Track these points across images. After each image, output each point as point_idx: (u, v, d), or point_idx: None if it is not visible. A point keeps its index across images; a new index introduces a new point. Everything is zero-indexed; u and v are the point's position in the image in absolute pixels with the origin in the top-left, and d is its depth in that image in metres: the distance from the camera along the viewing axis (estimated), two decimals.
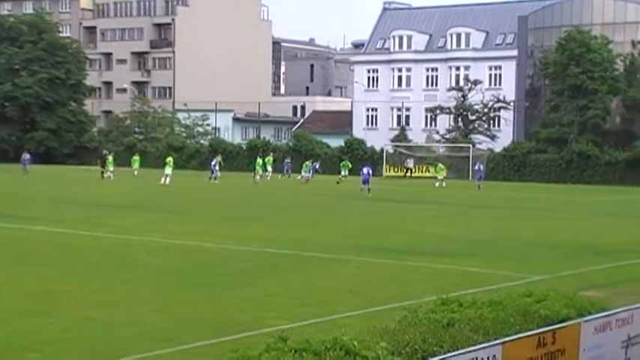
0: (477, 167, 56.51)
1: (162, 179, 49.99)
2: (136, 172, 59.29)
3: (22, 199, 37.76)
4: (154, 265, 19.22)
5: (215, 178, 54.24)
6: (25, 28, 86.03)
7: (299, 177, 58.93)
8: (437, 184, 55.63)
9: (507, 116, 75.99)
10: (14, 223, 27.32)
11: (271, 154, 65.38)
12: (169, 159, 52.96)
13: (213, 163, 56.93)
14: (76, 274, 17.77)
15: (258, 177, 56.01)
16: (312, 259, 20.60)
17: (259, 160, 58.40)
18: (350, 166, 59.74)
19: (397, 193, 48.08)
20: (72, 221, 28.19)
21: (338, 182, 55.66)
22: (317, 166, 63.02)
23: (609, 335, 9.67)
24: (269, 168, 60.86)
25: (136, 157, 62.46)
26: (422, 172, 66.98)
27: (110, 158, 59.45)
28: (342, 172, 58.83)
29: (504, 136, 73.80)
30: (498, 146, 70.23)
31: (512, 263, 20.28)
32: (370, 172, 47.05)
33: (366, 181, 45.30)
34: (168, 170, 51.05)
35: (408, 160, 68.31)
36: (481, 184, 52.88)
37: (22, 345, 11.57)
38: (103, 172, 57.38)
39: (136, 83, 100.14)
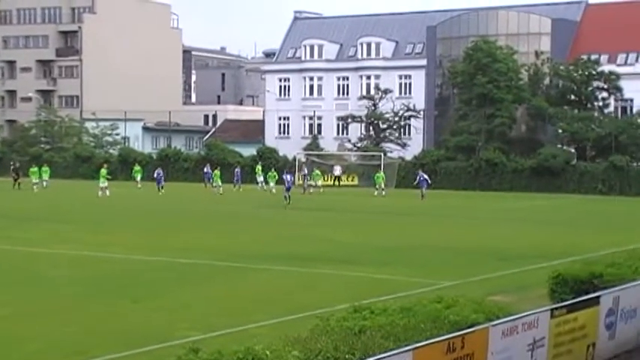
0: (419, 177, 53.95)
1: (100, 192, 47.86)
2: (45, 184, 57.68)
3: None
4: (60, 278, 18.82)
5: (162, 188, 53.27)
6: None
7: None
8: (375, 192, 55.12)
9: (417, 125, 77.06)
10: None
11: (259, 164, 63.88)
12: (103, 171, 50.35)
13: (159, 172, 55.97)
14: None
15: (218, 187, 54.66)
16: (224, 269, 20.50)
17: (217, 172, 57.33)
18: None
19: (310, 201, 48.22)
20: None
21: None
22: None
23: (516, 339, 9.92)
24: (260, 179, 59.92)
25: (46, 168, 60.55)
26: (330, 180, 67.13)
27: (46, 168, 58.62)
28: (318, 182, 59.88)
29: (415, 144, 74.80)
30: (409, 154, 71.06)
31: (422, 270, 20.58)
32: (292, 179, 46.81)
33: (289, 189, 44.81)
34: (103, 183, 48.47)
35: (336, 168, 68.00)
36: (425, 192, 51.81)
37: None
38: (16, 183, 55.67)
39: (41, 92, 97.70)
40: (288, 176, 46.22)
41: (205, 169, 63.06)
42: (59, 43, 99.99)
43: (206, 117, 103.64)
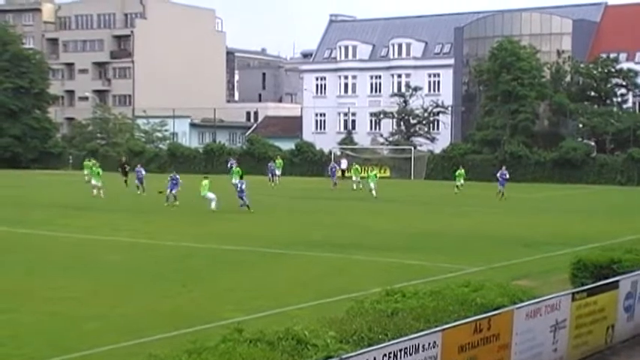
0: (500, 173, 45.56)
1: (95, 191, 40.02)
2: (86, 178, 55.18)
3: None
4: (115, 263, 18.99)
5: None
6: None
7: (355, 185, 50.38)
8: (456, 190, 47.69)
9: (445, 120, 76.65)
10: None
11: (278, 156, 62.47)
12: (88, 163, 42.74)
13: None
14: (40, 273, 17.48)
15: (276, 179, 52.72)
16: (265, 255, 20.55)
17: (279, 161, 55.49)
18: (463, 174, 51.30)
19: (347, 191, 48.13)
20: (36, 222, 27.71)
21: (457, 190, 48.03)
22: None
23: (539, 320, 9.83)
24: (277, 172, 56.85)
25: (88, 162, 57.30)
26: (367, 172, 66.73)
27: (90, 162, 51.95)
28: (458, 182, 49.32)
29: (443, 138, 74.44)
30: (437, 148, 70.76)
31: (450, 256, 20.45)
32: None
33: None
34: (96, 181, 40.62)
35: (342, 162, 67.04)
36: (504, 190, 43.90)
37: None
38: (126, 180, 47.99)
39: (97, 91, 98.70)
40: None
41: (229, 163, 61.55)
42: (113, 47, 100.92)
43: (248, 114, 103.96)
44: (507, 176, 45.69)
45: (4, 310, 13.35)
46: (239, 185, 34.57)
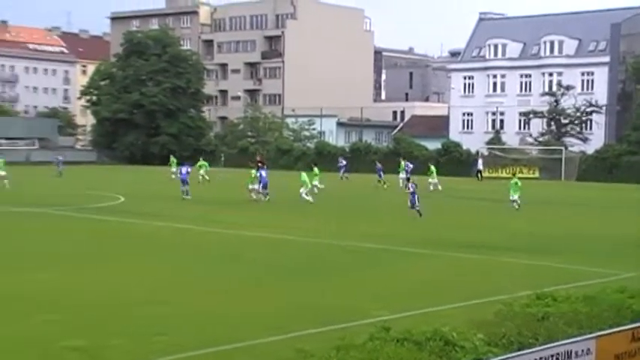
0: None
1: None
2: (200, 178, 53.30)
3: (146, 197, 38.74)
4: (263, 259, 19.40)
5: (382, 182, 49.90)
6: (151, 43, 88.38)
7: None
8: None
9: (599, 120, 73.73)
10: (140, 219, 28.10)
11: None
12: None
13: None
14: (191, 267, 18.10)
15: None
16: (406, 254, 20.43)
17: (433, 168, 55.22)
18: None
19: (481, 191, 47.14)
20: (190, 218, 28.78)
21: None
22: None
23: None
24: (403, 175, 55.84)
25: (203, 163, 52.31)
26: (514, 173, 65.11)
27: (203, 163, 50.57)
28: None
29: (596, 138, 71.62)
30: (590, 148, 68.18)
31: (603, 260, 19.61)
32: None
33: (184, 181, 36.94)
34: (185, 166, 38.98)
35: (478, 162, 65.27)
36: None
37: (148, 330, 11.88)
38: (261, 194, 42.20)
39: (248, 91, 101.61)
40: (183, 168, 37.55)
41: (339, 162, 61.09)
42: (264, 47, 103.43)
43: (394, 113, 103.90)
44: None
45: (160, 303, 13.91)
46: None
